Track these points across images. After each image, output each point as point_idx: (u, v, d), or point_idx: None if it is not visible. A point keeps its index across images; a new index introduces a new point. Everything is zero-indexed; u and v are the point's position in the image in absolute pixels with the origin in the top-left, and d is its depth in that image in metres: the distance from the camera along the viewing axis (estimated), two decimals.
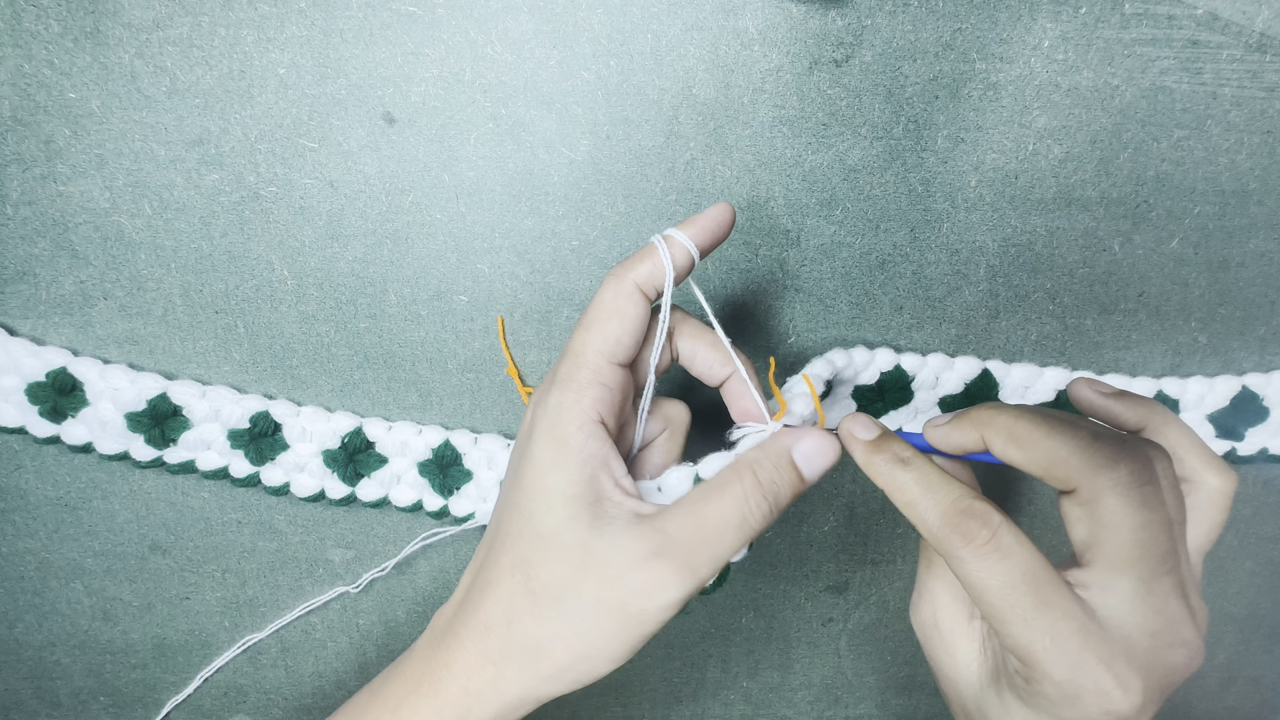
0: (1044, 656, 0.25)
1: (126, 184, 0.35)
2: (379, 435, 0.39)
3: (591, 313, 0.29)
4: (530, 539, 0.27)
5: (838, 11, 0.34)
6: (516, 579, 0.27)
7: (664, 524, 0.27)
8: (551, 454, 0.27)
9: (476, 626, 0.28)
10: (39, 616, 0.43)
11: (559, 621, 0.27)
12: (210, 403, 0.38)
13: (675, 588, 0.26)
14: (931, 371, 0.39)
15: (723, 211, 0.30)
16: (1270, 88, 0.36)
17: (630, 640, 0.27)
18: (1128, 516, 0.25)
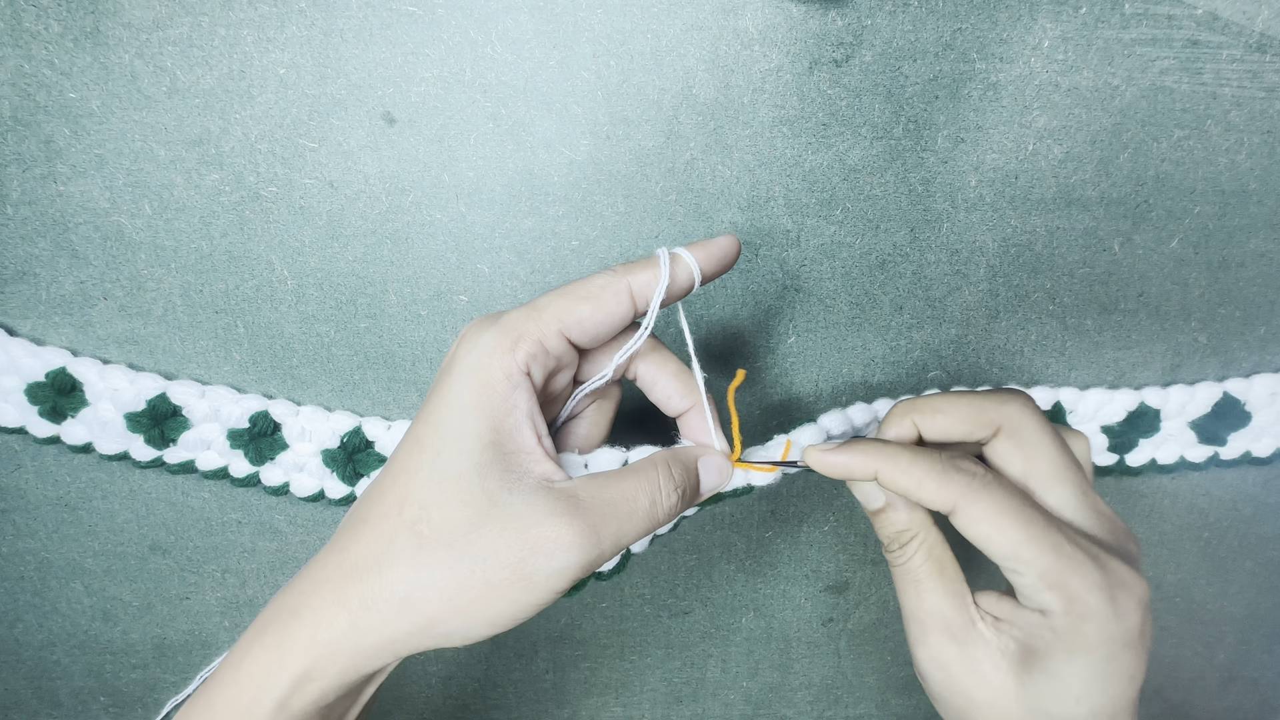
0: (1074, 563, 0.26)
1: (126, 184, 0.35)
2: (378, 434, 0.39)
3: (573, 285, 0.28)
4: (431, 478, 0.25)
5: (838, 11, 0.34)
6: (403, 519, 0.25)
7: (577, 490, 0.26)
8: (473, 395, 0.26)
9: (340, 568, 0.26)
10: (39, 616, 0.43)
11: (441, 569, 0.25)
12: (210, 403, 0.38)
13: (577, 551, 0.25)
14: None
15: (730, 243, 0.29)
16: (1270, 88, 0.36)
17: (515, 603, 0.25)
18: (1044, 431, 0.29)
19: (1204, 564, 0.46)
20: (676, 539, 0.44)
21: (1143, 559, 0.45)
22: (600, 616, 0.45)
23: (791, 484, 0.43)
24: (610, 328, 0.28)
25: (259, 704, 0.25)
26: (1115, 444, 0.41)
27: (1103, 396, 0.41)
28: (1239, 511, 0.45)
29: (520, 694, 0.47)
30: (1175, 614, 0.47)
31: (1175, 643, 0.48)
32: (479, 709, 0.47)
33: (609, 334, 0.28)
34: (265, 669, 0.25)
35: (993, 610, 0.30)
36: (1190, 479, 0.44)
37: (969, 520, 0.27)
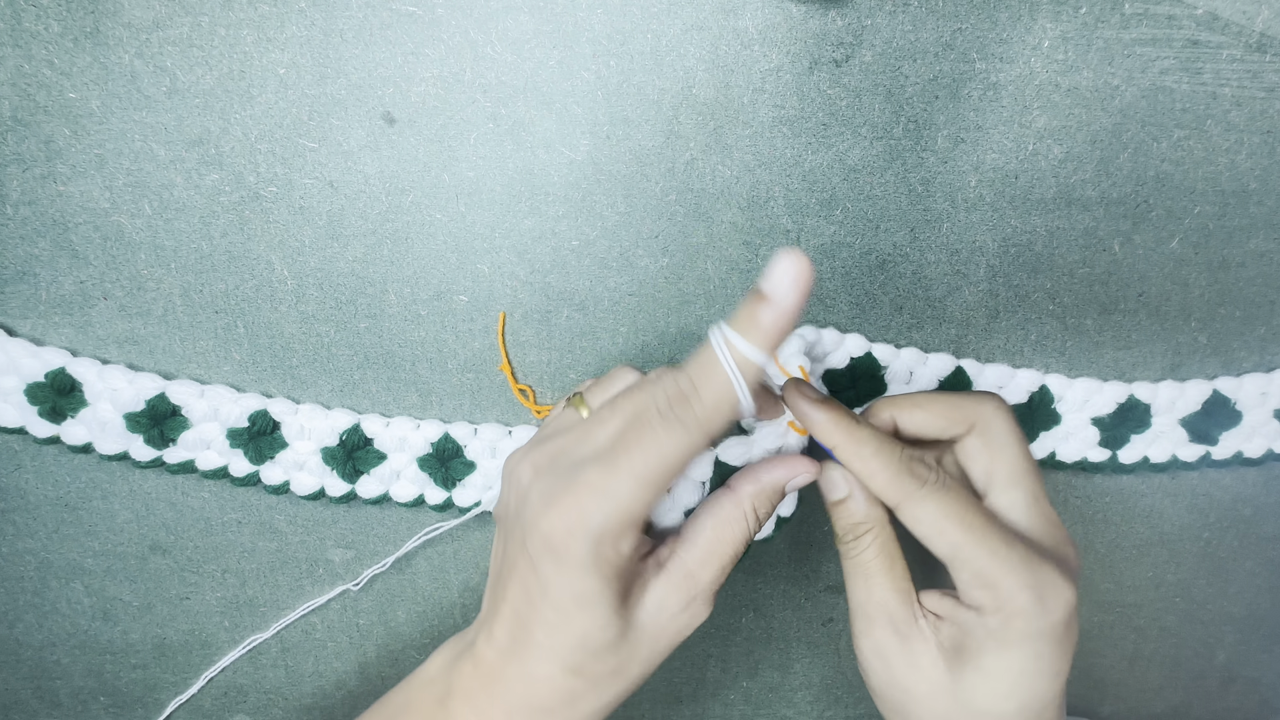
0: (1007, 565, 0.29)
1: (126, 184, 0.35)
2: (377, 431, 0.39)
3: (647, 457, 0.27)
4: (575, 650, 0.29)
5: (838, 11, 0.34)
6: (562, 676, 0.29)
7: (693, 568, 0.30)
8: (598, 587, 0.28)
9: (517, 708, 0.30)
10: (39, 616, 0.43)
11: (620, 687, 0.30)
12: (209, 402, 0.38)
13: (706, 612, 0.31)
14: (905, 365, 0.39)
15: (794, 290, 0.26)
16: (1270, 88, 0.36)
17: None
18: (1012, 433, 0.32)
19: (1204, 564, 0.46)
20: None
21: (1143, 559, 0.45)
22: None
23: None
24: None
25: None
26: (1106, 438, 0.41)
27: (1091, 386, 0.41)
28: (1239, 511, 0.45)
29: None
30: (1175, 614, 0.47)
31: (1175, 643, 0.48)
32: None
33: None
34: None
35: (934, 608, 0.32)
36: (1189, 479, 0.44)
37: (913, 519, 0.30)
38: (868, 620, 0.32)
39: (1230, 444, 0.42)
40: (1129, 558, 0.45)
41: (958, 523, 0.29)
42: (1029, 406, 0.40)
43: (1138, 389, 0.41)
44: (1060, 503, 0.44)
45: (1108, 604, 0.46)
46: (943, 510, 0.29)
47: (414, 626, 0.44)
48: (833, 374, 0.39)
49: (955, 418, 0.32)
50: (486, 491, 0.40)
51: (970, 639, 0.30)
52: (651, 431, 0.27)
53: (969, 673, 0.30)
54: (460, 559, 0.43)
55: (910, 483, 0.30)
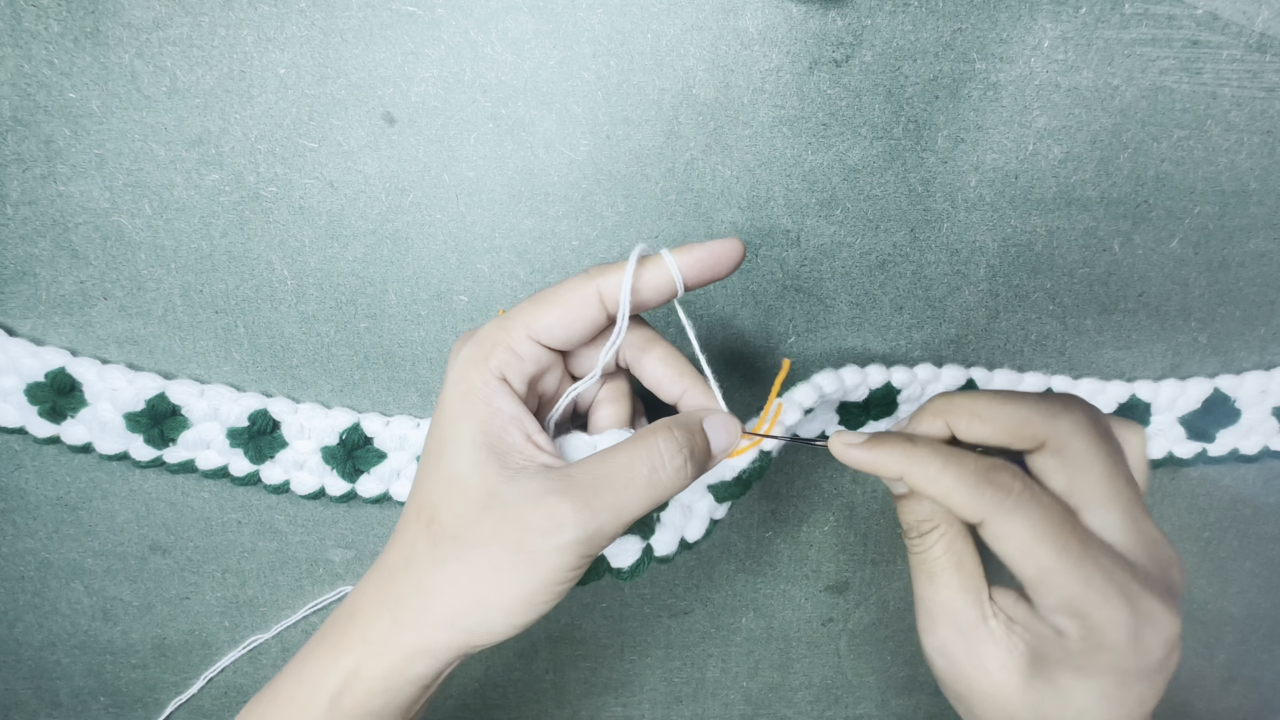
0: (1102, 596, 0.25)
1: (126, 184, 0.35)
2: (377, 430, 0.39)
3: (543, 292, 0.29)
4: (437, 482, 0.27)
5: (838, 11, 0.34)
6: (420, 521, 0.27)
7: (570, 469, 0.27)
8: (460, 403, 0.28)
9: (379, 573, 0.28)
10: (39, 616, 0.43)
11: (454, 562, 0.26)
12: (209, 401, 0.38)
13: (571, 526, 0.25)
14: (919, 384, 0.39)
15: (725, 248, 0.28)
16: (1270, 88, 0.36)
17: (525, 586, 0.26)
18: (1095, 451, 0.27)
19: (1204, 564, 0.46)
20: None
21: None
22: (600, 616, 0.45)
23: (791, 484, 0.43)
24: (582, 330, 0.28)
25: (315, 699, 0.27)
26: None
27: (1095, 387, 0.41)
28: (1239, 511, 0.45)
29: (520, 694, 0.47)
30: None
31: None
32: (479, 709, 0.47)
33: (583, 335, 0.29)
34: (322, 665, 0.27)
35: (1008, 610, 0.29)
36: (1189, 479, 0.44)
37: (996, 537, 0.26)
38: (930, 618, 0.30)
39: (1227, 441, 0.42)
40: None
41: (1050, 544, 0.25)
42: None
43: (1139, 388, 0.41)
44: None
45: None
46: (1032, 529, 0.26)
47: None
48: (848, 404, 0.39)
49: (1022, 434, 0.28)
50: None
51: (1048, 653, 0.27)
52: (549, 289, 0.28)
53: (1041, 684, 0.27)
54: None
55: (992, 495, 0.26)
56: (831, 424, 0.40)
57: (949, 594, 0.30)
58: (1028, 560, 0.26)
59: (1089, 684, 0.27)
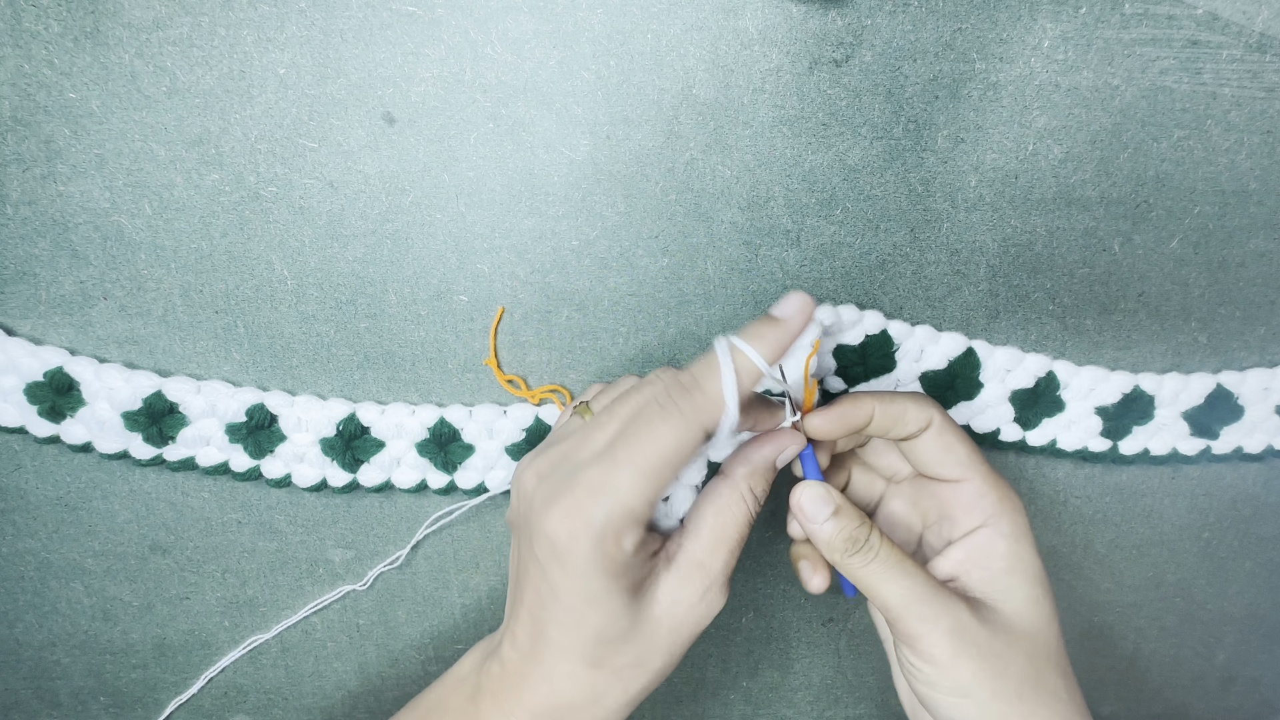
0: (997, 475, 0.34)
1: (126, 184, 0.35)
2: (373, 419, 0.39)
3: (646, 450, 0.28)
4: (592, 645, 0.29)
5: (838, 11, 0.34)
6: (583, 671, 0.29)
7: (702, 558, 0.30)
8: (606, 584, 0.28)
9: (542, 707, 0.30)
10: (39, 616, 0.43)
11: (643, 680, 0.30)
12: (205, 398, 0.38)
13: (722, 600, 0.31)
14: (917, 343, 0.39)
15: (800, 316, 0.30)
16: (1270, 88, 0.36)
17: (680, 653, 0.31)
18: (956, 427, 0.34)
19: (1204, 564, 0.46)
20: None
21: (1143, 559, 0.45)
22: None
23: (791, 484, 0.43)
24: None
25: None
26: (1109, 428, 0.41)
27: (1098, 374, 0.41)
28: (1239, 511, 0.45)
29: None
30: (1175, 614, 0.47)
31: (1175, 643, 0.48)
32: None
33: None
34: None
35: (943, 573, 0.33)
36: (1190, 478, 0.44)
37: (940, 433, 0.33)
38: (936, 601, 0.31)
39: (1231, 438, 0.42)
40: (1129, 558, 0.45)
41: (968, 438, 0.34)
42: (1034, 392, 0.41)
43: (1143, 379, 0.41)
44: (1060, 502, 0.44)
45: (1108, 604, 0.46)
46: (958, 429, 0.34)
47: (414, 626, 0.44)
48: (844, 349, 0.39)
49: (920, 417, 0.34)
50: (489, 473, 0.40)
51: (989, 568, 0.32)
52: (649, 424, 0.28)
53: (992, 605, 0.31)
54: (460, 559, 0.43)
55: (934, 403, 0.34)
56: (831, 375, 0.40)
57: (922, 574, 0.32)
58: (964, 443, 0.33)
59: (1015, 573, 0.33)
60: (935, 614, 0.30)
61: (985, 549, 0.32)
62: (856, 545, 0.32)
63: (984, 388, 0.40)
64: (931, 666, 0.31)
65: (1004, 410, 0.41)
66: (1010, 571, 0.32)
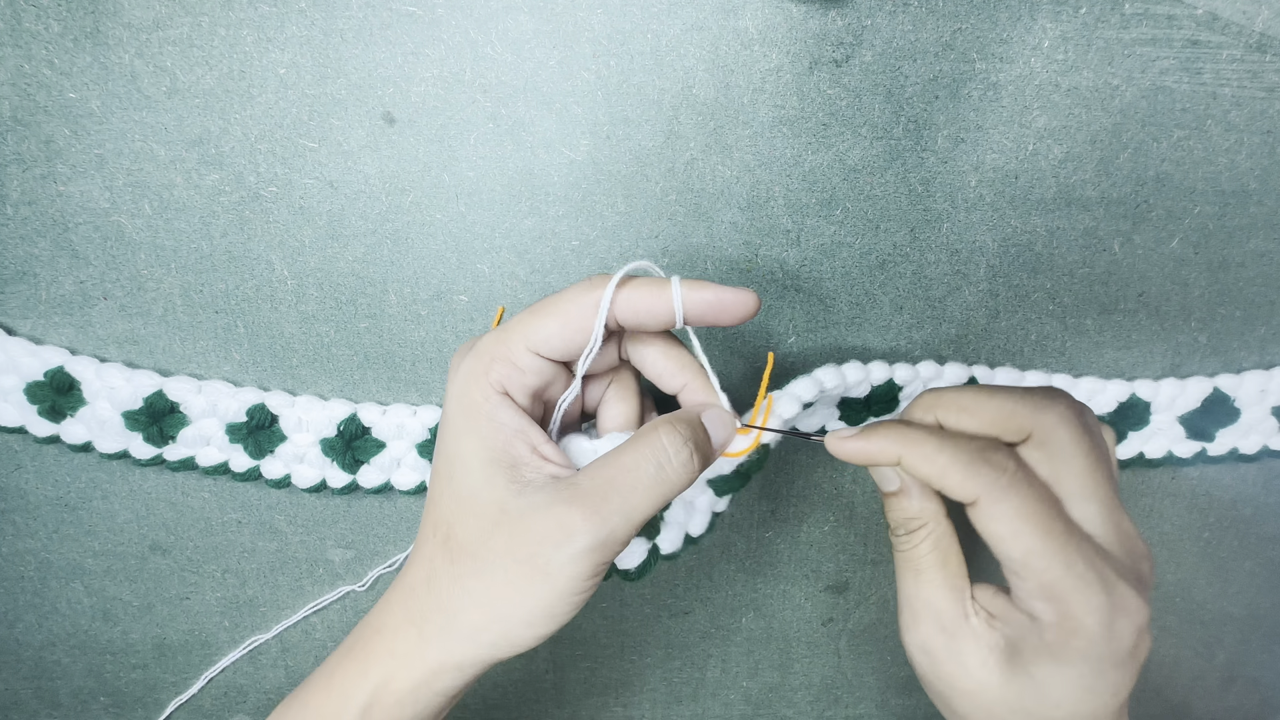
0: (1082, 582, 0.26)
1: (126, 184, 0.35)
2: (374, 420, 0.39)
3: (543, 302, 0.28)
4: (450, 500, 0.28)
5: (838, 11, 0.34)
6: (437, 539, 0.28)
7: (576, 478, 0.27)
8: (463, 420, 0.28)
9: (402, 589, 0.28)
10: (39, 616, 0.43)
11: (472, 578, 0.27)
12: (206, 398, 0.38)
13: (582, 534, 0.26)
14: (921, 381, 0.39)
15: (741, 298, 0.27)
16: (1270, 88, 0.36)
17: (542, 599, 0.26)
18: (1079, 443, 0.28)
19: (1204, 564, 0.46)
20: None
21: None
22: (600, 616, 0.45)
23: (791, 483, 0.43)
24: (582, 340, 0.28)
25: (344, 711, 0.28)
26: None
27: (1095, 386, 0.41)
28: (1239, 511, 0.45)
29: (520, 694, 0.47)
30: (1175, 614, 0.47)
31: (1175, 643, 0.48)
32: (479, 709, 0.47)
33: (582, 346, 0.28)
34: (351, 678, 0.28)
35: (988, 605, 0.30)
36: (1189, 479, 0.44)
37: (988, 517, 0.27)
38: (914, 616, 0.30)
39: (1227, 440, 0.42)
40: None
41: (1035, 526, 0.26)
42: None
43: (1139, 386, 0.41)
44: None
45: None
46: (1020, 510, 0.26)
47: None
48: (848, 400, 0.39)
49: (1009, 427, 0.29)
50: None
51: (1025, 644, 0.28)
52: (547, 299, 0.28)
53: (1019, 677, 0.28)
54: None
55: (988, 474, 0.27)
56: (833, 419, 0.40)
57: (933, 590, 0.30)
58: (1015, 541, 0.26)
59: (1065, 673, 0.27)
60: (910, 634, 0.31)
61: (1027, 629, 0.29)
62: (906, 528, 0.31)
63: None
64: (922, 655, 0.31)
65: None
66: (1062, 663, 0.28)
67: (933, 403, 0.30)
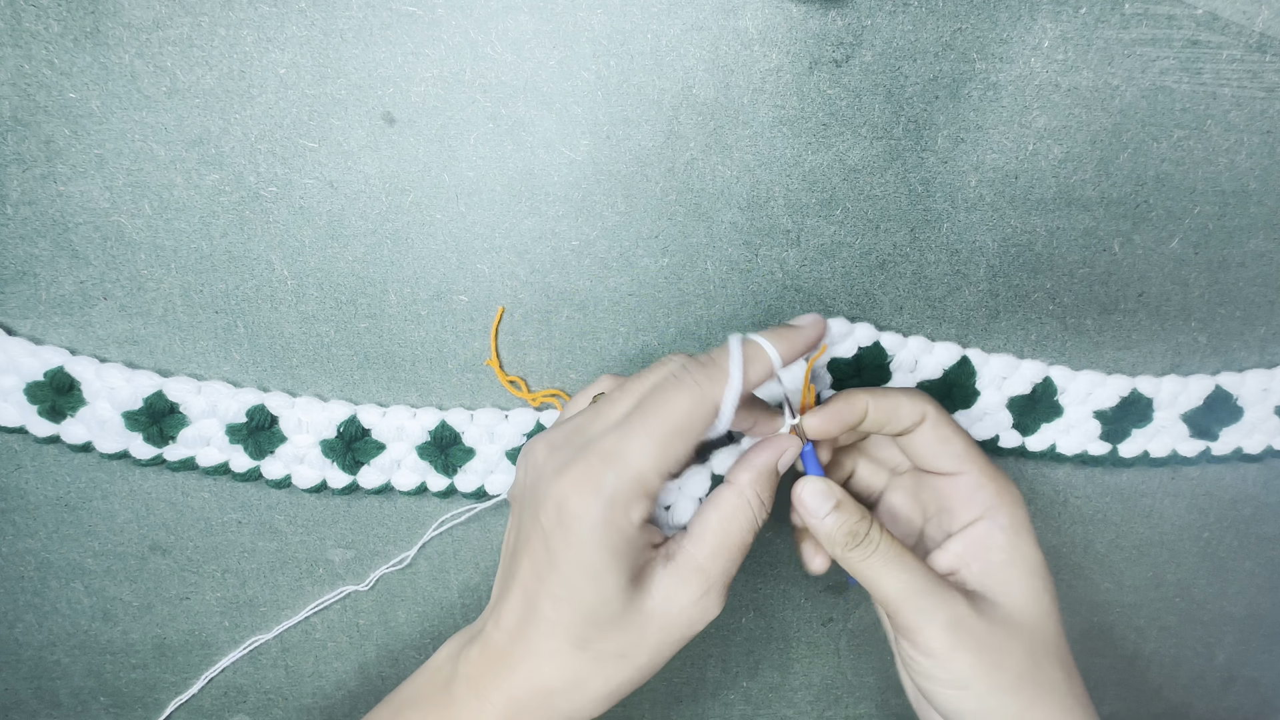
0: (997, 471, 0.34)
1: (126, 184, 0.35)
2: (374, 421, 0.39)
3: (658, 419, 0.28)
4: (582, 624, 0.29)
5: (838, 11, 0.34)
6: (569, 651, 0.29)
7: (702, 562, 0.30)
8: (607, 558, 0.28)
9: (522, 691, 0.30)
10: (39, 616, 0.43)
11: (626, 674, 0.30)
12: (207, 398, 0.38)
13: (718, 608, 0.31)
14: (911, 354, 0.39)
15: (812, 328, 0.32)
16: (1270, 88, 0.36)
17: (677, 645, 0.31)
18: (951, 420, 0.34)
19: (1204, 564, 0.46)
20: None
21: (1143, 559, 0.46)
22: None
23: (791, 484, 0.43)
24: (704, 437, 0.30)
25: None
26: (1108, 432, 0.41)
27: (1095, 379, 0.41)
28: (1239, 511, 0.45)
29: None
30: (1175, 614, 0.47)
31: (1175, 643, 0.48)
32: None
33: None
34: None
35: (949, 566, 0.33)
36: (1190, 478, 0.44)
37: (935, 426, 0.33)
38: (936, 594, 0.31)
39: (1231, 440, 0.42)
40: (1129, 558, 0.45)
41: (964, 431, 0.34)
42: (1031, 398, 0.41)
43: (1141, 383, 0.41)
44: (1060, 502, 0.44)
45: (1108, 604, 0.46)
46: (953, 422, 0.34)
47: (414, 626, 0.44)
48: (838, 362, 0.39)
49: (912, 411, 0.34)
50: (489, 477, 0.40)
51: (974, 564, 0.32)
52: (664, 393, 0.28)
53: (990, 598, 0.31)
54: (460, 559, 0.43)
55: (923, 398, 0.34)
56: (827, 390, 0.40)
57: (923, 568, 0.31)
58: (957, 439, 0.33)
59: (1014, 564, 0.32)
60: (933, 606, 0.30)
61: (983, 541, 0.32)
62: (857, 539, 0.32)
63: (980, 395, 0.40)
64: (930, 659, 0.31)
65: (1002, 417, 0.41)
66: (1009, 564, 0.32)
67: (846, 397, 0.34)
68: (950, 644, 0.30)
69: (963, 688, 0.30)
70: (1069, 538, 0.45)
